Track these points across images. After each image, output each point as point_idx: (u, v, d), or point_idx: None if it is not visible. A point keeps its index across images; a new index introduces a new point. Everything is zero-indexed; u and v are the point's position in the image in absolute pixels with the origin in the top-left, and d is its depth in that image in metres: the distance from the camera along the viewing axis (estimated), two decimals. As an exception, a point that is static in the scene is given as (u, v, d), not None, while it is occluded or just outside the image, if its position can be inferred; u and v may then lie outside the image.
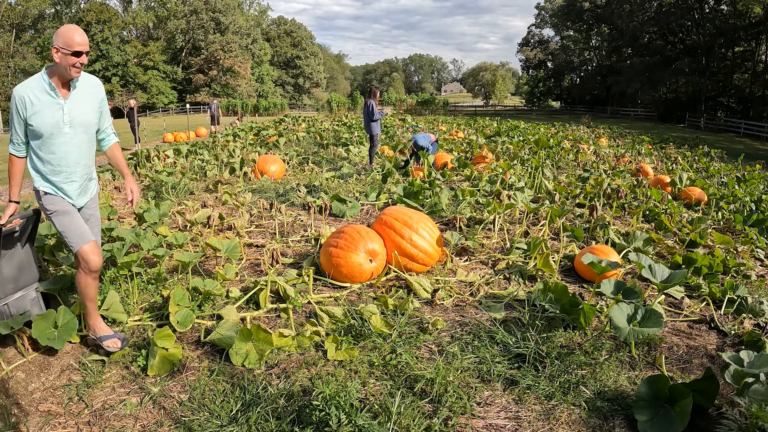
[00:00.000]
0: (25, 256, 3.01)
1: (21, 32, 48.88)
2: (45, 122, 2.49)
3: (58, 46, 2.43)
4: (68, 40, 2.42)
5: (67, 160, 2.60)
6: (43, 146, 2.54)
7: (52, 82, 2.50)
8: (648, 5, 41.28)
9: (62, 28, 2.45)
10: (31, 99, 2.47)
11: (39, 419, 2.26)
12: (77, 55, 2.46)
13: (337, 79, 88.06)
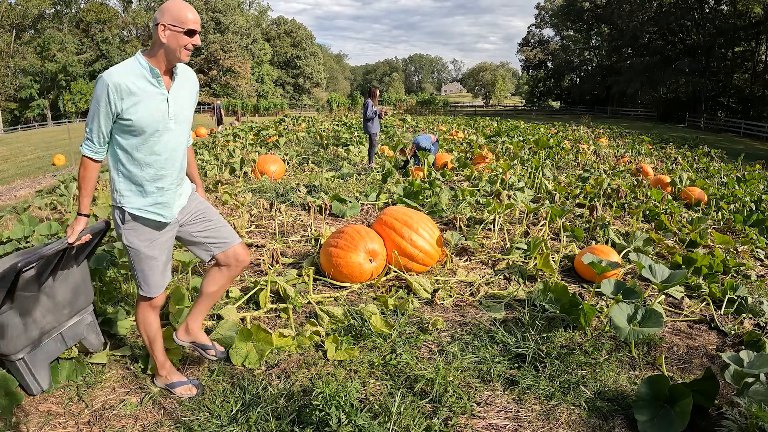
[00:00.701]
0: (81, 276, 2.62)
1: (21, 32, 48.95)
2: (148, 116, 2.03)
3: (166, 23, 1.98)
4: (180, 16, 2.00)
5: (174, 162, 2.16)
6: (142, 146, 2.07)
7: (155, 68, 2.03)
8: (648, 5, 41.29)
9: (169, 3, 2.01)
10: (129, 87, 1.98)
11: (39, 419, 2.26)
12: (191, 35, 2.03)
13: (337, 79, 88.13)
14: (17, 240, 4.03)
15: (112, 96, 1.97)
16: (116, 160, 2.11)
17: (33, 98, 46.88)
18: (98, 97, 1.98)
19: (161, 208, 2.16)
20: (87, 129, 2.06)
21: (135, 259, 2.21)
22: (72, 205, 6.32)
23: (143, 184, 2.11)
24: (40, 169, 12.63)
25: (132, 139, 2.06)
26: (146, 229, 2.17)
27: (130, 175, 2.10)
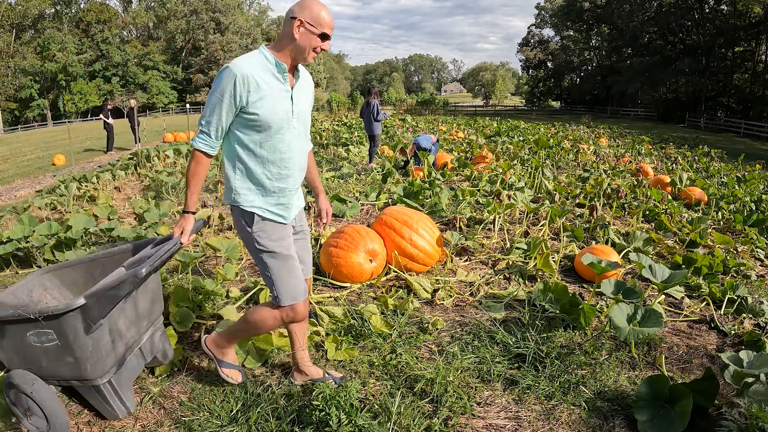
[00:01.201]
0: (157, 282, 2.49)
1: (21, 32, 48.95)
2: (273, 112, 1.94)
3: (303, 19, 1.90)
4: (319, 17, 1.90)
5: (295, 161, 2.06)
6: (266, 143, 1.97)
7: (282, 63, 1.95)
8: (648, 5, 41.28)
9: (309, 0, 1.91)
10: (257, 81, 1.89)
11: (39, 419, 2.26)
12: (324, 39, 1.94)
13: (337, 79, 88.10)
14: (17, 240, 4.03)
15: (239, 88, 1.87)
16: (234, 157, 2.00)
17: (33, 98, 46.87)
18: (223, 88, 1.87)
19: (282, 208, 2.07)
20: (203, 122, 1.95)
21: (271, 264, 2.04)
22: (72, 205, 6.33)
23: (264, 183, 2.01)
24: (40, 169, 12.63)
25: (255, 135, 1.96)
26: (278, 227, 2.06)
27: (250, 173, 2.00)
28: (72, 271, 2.54)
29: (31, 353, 2.02)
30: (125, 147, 16.59)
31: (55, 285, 2.52)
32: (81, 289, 2.55)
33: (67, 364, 2.03)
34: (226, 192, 2.07)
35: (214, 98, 1.90)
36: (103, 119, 15.22)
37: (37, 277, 2.47)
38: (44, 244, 4.08)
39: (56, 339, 1.97)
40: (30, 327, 1.95)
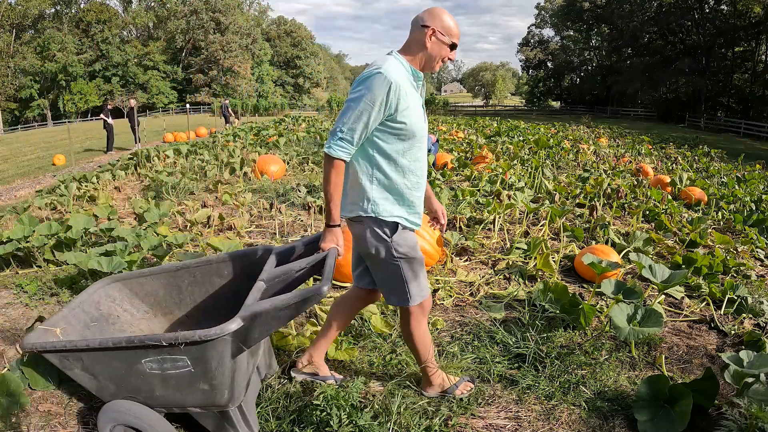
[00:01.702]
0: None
1: (21, 32, 48.94)
2: (417, 121, 1.90)
3: (436, 27, 1.89)
4: (451, 28, 1.91)
5: (425, 169, 2.03)
6: (408, 152, 1.92)
7: (418, 72, 1.94)
8: (648, 5, 41.29)
9: (438, 9, 1.91)
10: (405, 89, 1.84)
11: (39, 419, 2.26)
12: (453, 48, 1.96)
13: (337, 79, 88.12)
14: (17, 240, 4.03)
15: (392, 95, 1.80)
16: (373, 166, 1.91)
17: (33, 98, 46.86)
18: (375, 94, 1.78)
19: (417, 216, 2.03)
20: (344, 128, 1.83)
21: (407, 269, 2.00)
22: (72, 205, 6.32)
23: (404, 193, 1.95)
24: (40, 169, 12.63)
25: (398, 144, 1.89)
26: (411, 234, 2.03)
27: (390, 183, 1.93)
28: (150, 280, 2.38)
29: (142, 381, 1.85)
30: (125, 147, 16.59)
31: (125, 296, 2.36)
32: (160, 301, 2.40)
33: (198, 392, 1.84)
34: (354, 203, 1.96)
35: (362, 104, 1.80)
36: (104, 119, 15.22)
37: (103, 288, 2.31)
38: (44, 244, 4.08)
39: (189, 366, 1.78)
40: (150, 353, 1.76)
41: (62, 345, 1.83)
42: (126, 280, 2.39)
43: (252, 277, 2.33)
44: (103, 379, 1.89)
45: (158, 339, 1.73)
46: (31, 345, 1.88)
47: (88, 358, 1.83)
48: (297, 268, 2.05)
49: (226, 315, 2.29)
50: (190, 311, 2.47)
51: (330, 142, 1.85)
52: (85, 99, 47.42)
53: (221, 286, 2.45)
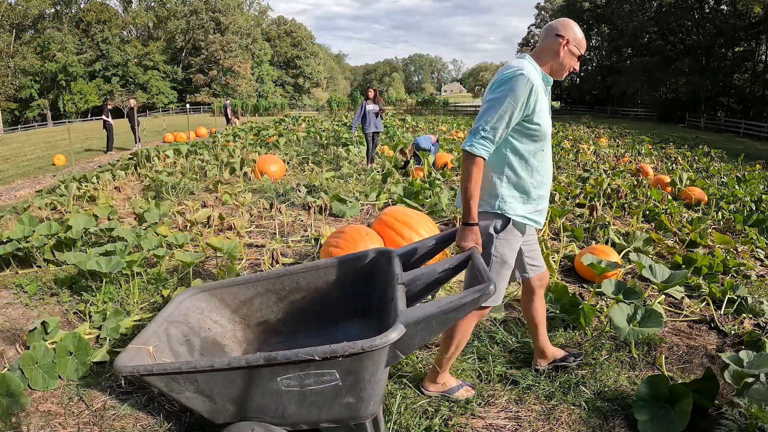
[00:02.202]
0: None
1: (21, 32, 48.93)
2: (548, 123, 1.99)
3: (570, 38, 1.98)
4: (581, 40, 2.01)
5: (550, 171, 2.11)
6: (538, 153, 1.99)
7: (549, 77, 2.02)
8: (648, 5, 41.28)
9: (571, 22, 2.01)
10: (540, 92, 1.91)
11: (39, 419, 2.26)
12: (579, 60, 2.05)
13: (337, 79, 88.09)
14: (17, 240, 4.03)
15: (532, 97, 1.87)
16: (504, 165, 1.98)
17: (33, 98, 46.85)
18: (517, 95, 1.84)
19: (539, 215, 2.08)
20: (487, 127, 1.86)
21: (497, 270, 2.05)
22: (72, 205, 6.32)
23: (530, 191, 2.01)
24: (40, 169, 12.63)
25: (531, 145, 1.96)
26: (516, 237, 2.06)
27: (519, 182, 1.99)
28: (245, 289, 2.29)
29: (272, 400, 1.73)
30: (125, 147, 16.59)
31: (213, 306, 2.26)
32: (255, 310, 2.30)
33: (341, 406, 1.74)
34: (487, 199, 2.02)
35: (505, 104, 1.84)
36: (104, 119, 15.23)
37: (189, 299, 2.21)
38: (44, 244, 4.08)
39: (337, 379, 1.67)
40: (291, 369, 1.64)
41: (175, 367, 1.68)
42: (214, 289, 2.29)
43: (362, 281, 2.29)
44: (221, 401, 1.75)
45: (311, 353, 1.59)
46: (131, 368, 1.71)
47: (207, 379, 1.68)
48: (440, 269, 2.00)
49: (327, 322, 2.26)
50: (287, 320, 2.37)
51: (472, 140, 1.88)
52: (85, 99, 47.42)
53: (324, 292, 2.35)
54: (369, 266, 2.31)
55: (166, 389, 1.75)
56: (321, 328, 2.35)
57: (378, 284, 2.30)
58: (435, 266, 2.01)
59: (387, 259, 2.24)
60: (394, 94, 60.10)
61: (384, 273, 2.26)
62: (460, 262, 1.98)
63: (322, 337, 2.34)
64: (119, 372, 1.78)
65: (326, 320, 2.37)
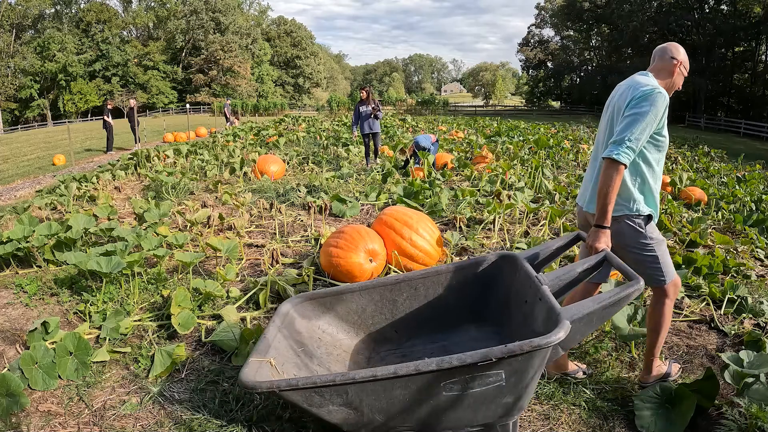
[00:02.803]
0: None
1: (21, 32, 48.95)
2: (668, 134, 2.26)
3: (681, 60, 2.28)
4: (688, 63, 2.33)
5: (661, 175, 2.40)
6: (660, 161, 2.26)
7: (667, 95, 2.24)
8: (648, 5, 41.28)
9: (679, 46, 2.29)
10: (666, 105, 2.15)
11: (39, 419, 2.26)
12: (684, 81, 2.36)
13: (337, 79, 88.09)
14: (17, 240, 4.03)
15: (665, 112, 2.13)
16: (636, 171, 2.21)
17: (33, 98, 46.86)
18: (657, 110, 2.08)
19: (656, 213, 2.31)
20: (632, 138, 2.07)
21: (659, 250, 2.24)
22: (72, 205, 6.32)
23: (653, 194, 2.26)
24: (40, 169, 12.62)
25: (656, 154, 2.22)
26: (653, 223, 2.28)
27: (645, 187, 2.23)
28: (358, 296, 2.28)
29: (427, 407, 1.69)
30: (125, 147, 16.59)
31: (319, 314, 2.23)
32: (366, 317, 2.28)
33: (498, 406, 1.73)
34: (623, 203, 2.21)
35: (648, 118, 2.07)
36: (104, 119, 15.23)
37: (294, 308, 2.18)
38: (44, 244, 4.08)
39: (502, 380, 1.66)
40: (456, 373, 1.61)
41: (327, 380, 1.62)
42: (323, 297, 2.26)
43: (480, 285, 2.29)
44: (370, 412, 1.70)
45: (487, 355, 1.57)
46: (268, 384, 1.62)
47: (360, 390, 1.63)
48: (579, 269, 2.11)
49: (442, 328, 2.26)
50: (399, 326, 2.34)
51: (618, 150, 2.07)
52: (85, 99, 47.42)
53: (441, 297, 2.35)
54: (488, 271, 2.35)
55: (305, 403, 1.67)
56: (435, 333, 2.33)
57: (497, 288, 2.32)
58: (574, 266, 2.13)
59: (511, 264, 2.28)
60: (394, 94, 60.08)
61: (505, 277, 2.29)
62: (596, 263, 2.11)
63: (437, 342, 2.31)
64: (253, 389, 1.67)
65: (441, 326, 2.35)
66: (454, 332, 2.36)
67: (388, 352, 2.31)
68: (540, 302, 1.90)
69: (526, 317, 2.01)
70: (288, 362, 1.94)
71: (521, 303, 2.09)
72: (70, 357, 2.56)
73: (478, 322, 2.37)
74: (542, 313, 1.87)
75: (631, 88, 2.18)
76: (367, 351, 2.32)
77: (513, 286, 2.19)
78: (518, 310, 2.12)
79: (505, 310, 2.25)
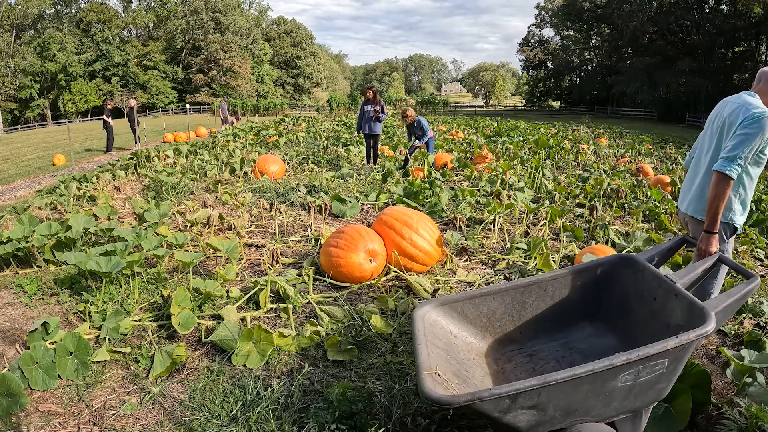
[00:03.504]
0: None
1: (21, 32, 48.92)
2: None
3: None
4: None
5: None
6: (756, 177, 2.51)
7: None
8: (648, 5, 41.27)
9: None
10: None
11: (39, 419, 2.26)
12: None
13: (337, 79, 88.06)
14: (17, 240, 4.03)
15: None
16: (739, 185, 2.48)
17: (33, 98, 46.84)
18: (765, 133, 2.32)
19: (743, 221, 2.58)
20: (741, 155, 2.33)
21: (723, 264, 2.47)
22: (72, 205, 6.32)
23: (747, 206, 2.54)
24: (40, 169, 12.62)
25: (757, 170, 2.47)
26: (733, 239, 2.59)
27: (744, 198, 2.51)
28: (491, 300, 2.36)
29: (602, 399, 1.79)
30: (125, 147, 16.59)
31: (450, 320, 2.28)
32: (495, 320, 2.36)
33: (653, 392, 1.87)
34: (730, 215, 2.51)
35: (756, 139, 2.33)
36: (104, 119, 15.23)
37: (428, 313, 2.22)
38: (44, 244, 4.08)
39: (664, 368, 1.81)
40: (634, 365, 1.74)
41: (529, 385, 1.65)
42: (455, 302, 2.32)
43: (599, 285, 2.47)
44: (553, 411, 1.76)
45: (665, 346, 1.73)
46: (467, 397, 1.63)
47: (553, 391, 1.70)
48: (700, 268, 2.34)
49: (562, 327, 2.38)
50: (523, 327, 2.43)
51: (730, 165, 2.34)
52: (85, 99, 47.40)
53: (565, 297, 2.47)
54: (608, 271, 2.48)
55: (494, 411, 1.69)
56: (554, 333, 2.44)
57: (614, 287, 2.46)
58: (695, 267, 2.35)
59: (632, 266, 2.41)
60: (394, 94, 60.08)
61: (623, 277, 2.43)
62: (713, 264, 2.39)
63: (557, 341, 2.42)
64: (450, 404, 1.65)
65: (560, 325, 2.46)
66: (571, 330, 2.47)
67: (513, 352, 2.40)
68: (676, 298, 2.08)
69: (656, 313, 2.19)
70: (447, 371, 1.99)
71: (648, 300, 2.25)
72: (70, 357, 2.57)
73: (590, 320, 2.48)
74: (680, 308, 2.04)
75: (743, 108, 2.41)
76: (493, 353, 2.39)
77: (634, 285, 2.36)
78: (643, 307, 2.28)
79: (620, 308, 2.41)
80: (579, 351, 2.33)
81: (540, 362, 2.30)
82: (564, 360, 2.29)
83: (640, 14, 41.34)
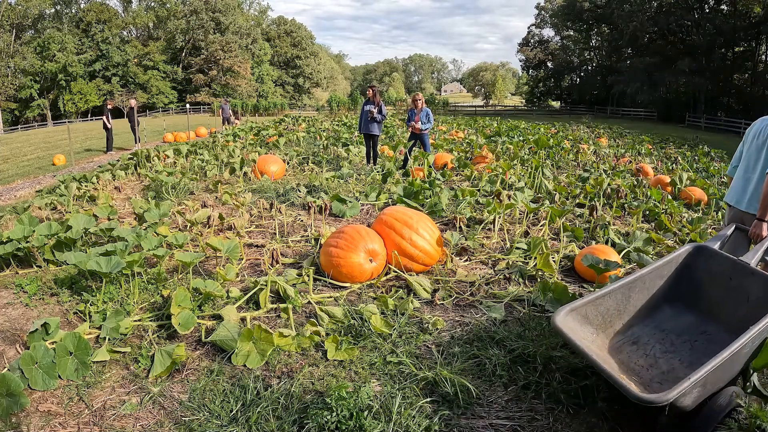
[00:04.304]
0: None
1: (21, 32, 48.92)
2: None
3: None
4: None
5: None
6: None
7: None
8: (648, 5, 41.27)
9: None
10: None
11: (39, 419, 2.26)
12: None
13: (337, 79, 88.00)
14: (17, 240, 4.03)
15: None
16: None
17: (33, 98, 46.82)
18: None
19: None
20: None
21: None
22: (72, 205, 6.32)
23: None
24: (40, 169, 12.62)
25: None
26: None
27: None
28: (607, 299, 2.53)
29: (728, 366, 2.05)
30: (125, 147, 16.59)
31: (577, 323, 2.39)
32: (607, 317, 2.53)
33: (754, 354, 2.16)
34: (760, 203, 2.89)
35: None
36: (104, 120, 15.23)
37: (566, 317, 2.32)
38: (44, 244, 4.08)
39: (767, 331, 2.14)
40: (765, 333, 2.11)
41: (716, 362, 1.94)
42: (581, 307, 2.44)
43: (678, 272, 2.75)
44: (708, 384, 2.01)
45: None
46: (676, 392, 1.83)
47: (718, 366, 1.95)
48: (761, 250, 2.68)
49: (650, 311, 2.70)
50: (624, 317, 2.63)
51: None
52: (85, 99, 47.38)
53: (656, 286, 2.72)
54: (686, 259, 2.78)
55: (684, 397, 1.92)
56: (645, 318, 2.70)
57: (689, 272, 2.78)
58: (757, 249, 2.69)
59: (705, 253, 2.74)
60: (394, 94, 60.05)
61: (698, 263, 2.75)
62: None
63: (648, 326, 2.69)
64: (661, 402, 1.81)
65: (648, 310, 2.72)
66: (656, 314, 2.73)
67: (620, 343, 2.60)
68: (752, 276, 2.46)
69: (732, 290, 2.55)
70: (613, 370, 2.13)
71: (723, 281, 2.61)
72: (70, 357, 2.57)
73: (669, 303, 2.76)
74: (758, 284, 2.43)
75: None
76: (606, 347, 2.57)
77: (707, 269, 2.69)
78: (719, 287, 2.63)
79: (697, 290, 2.73)
80: (671, 331, 2.63)
81: (646, 347, 2.54)
82: (665, 341, 2.57)
83: (640, 14, 41.32)
